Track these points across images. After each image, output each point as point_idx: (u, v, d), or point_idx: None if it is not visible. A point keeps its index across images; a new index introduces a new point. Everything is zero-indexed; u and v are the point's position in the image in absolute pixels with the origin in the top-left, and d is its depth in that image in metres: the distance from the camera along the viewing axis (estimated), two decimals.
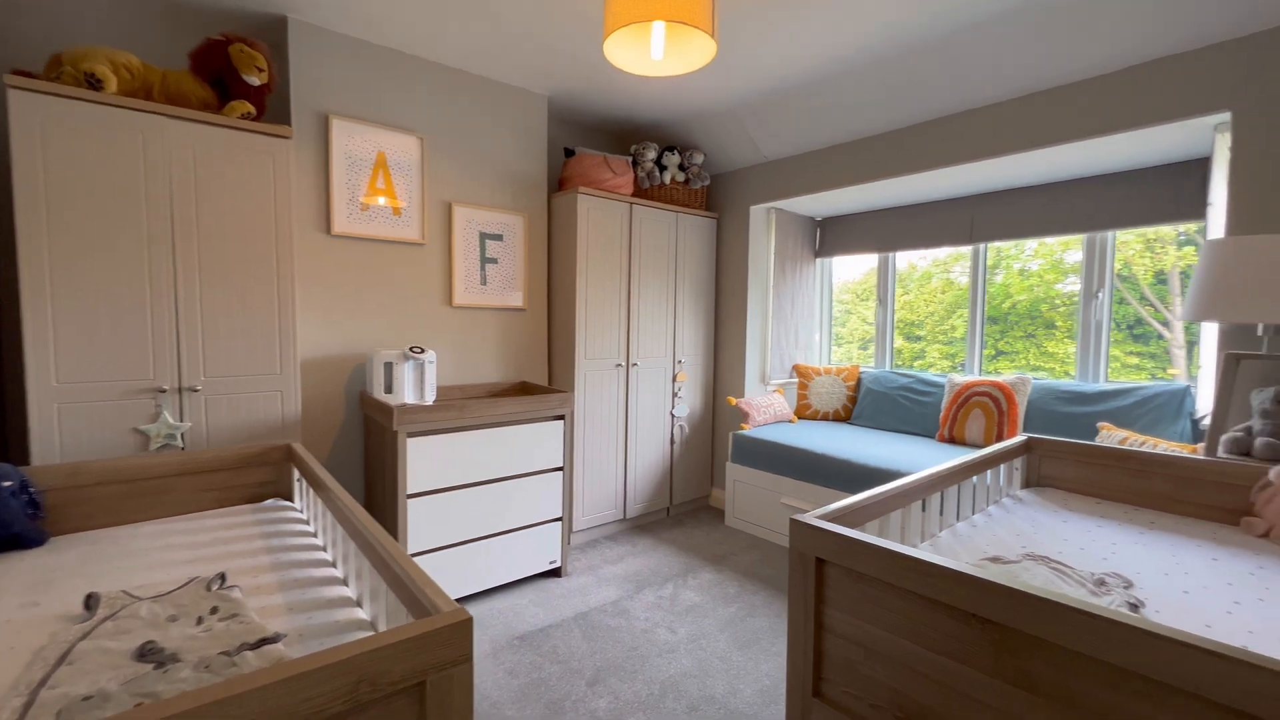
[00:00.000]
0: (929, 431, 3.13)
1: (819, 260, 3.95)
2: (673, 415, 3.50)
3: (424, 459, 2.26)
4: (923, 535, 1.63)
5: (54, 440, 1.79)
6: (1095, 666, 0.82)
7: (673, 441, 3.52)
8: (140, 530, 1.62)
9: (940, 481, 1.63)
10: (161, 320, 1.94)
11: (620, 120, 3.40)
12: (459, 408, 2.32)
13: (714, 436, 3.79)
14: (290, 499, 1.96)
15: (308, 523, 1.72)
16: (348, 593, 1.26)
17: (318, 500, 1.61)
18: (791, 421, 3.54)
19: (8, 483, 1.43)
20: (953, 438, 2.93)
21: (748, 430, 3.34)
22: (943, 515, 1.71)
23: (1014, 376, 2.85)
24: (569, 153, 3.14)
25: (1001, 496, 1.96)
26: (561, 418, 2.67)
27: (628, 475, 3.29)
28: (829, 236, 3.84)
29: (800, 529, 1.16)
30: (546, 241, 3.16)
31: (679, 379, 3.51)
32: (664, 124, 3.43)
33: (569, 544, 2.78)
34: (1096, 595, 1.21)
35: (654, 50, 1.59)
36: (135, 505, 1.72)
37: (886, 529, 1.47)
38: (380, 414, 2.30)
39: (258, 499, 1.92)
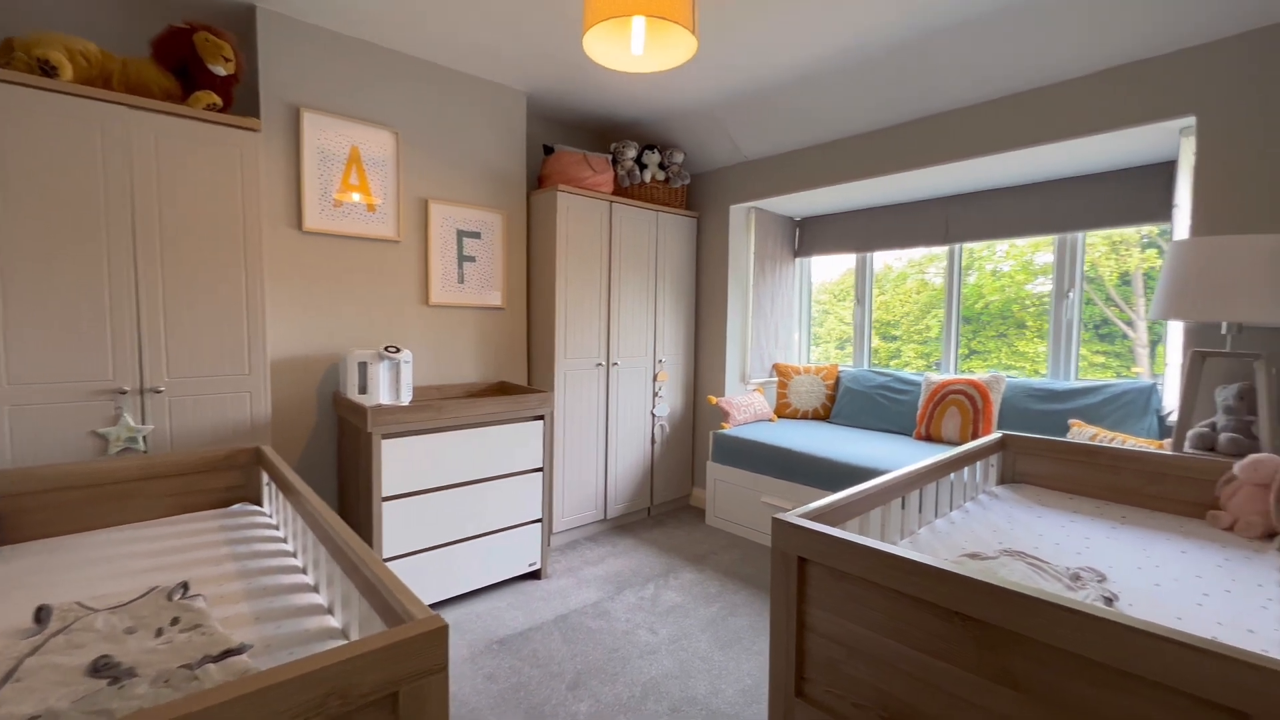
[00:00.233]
0: (906, 429, 3.17)
1: (798, 260, 3.97)
2: (653, 415, 3.49)
3: (400, 461, 2.21)
4: (902, 532, 1.64)
5: (4, 444, 1.71)
6: (1074, 661, 0.82)
7: (653, 441, 3.50)
8: (98, 538, 1.54)
9: (919, 479, 1.65)
10: (122, 319, 1.86)
11: (600, 118, 3.38)
12: (436, 408, 2.27)
13: (695, 436, 3.79)
14: (259, 504, 1.89)
15: (277, 528, 1.66)
16: (318, 600, 1.22)
17: (288, 505, 1.56)
18: (771, 420, 3.56)
19: None
20: (929, 435, 2.97)
21: (728, 429, 3.34)
22: (921, 512, 1.72)
23: (989, 375, 2.89)
24: (548, 150, 3.10)
25: (978, 493, 1.98)
26: (541, 418, 2.64)
27: (608, 475, 3.26)
28: (808, 236, 3.87)
29: (782, 528, 1.15)
30: (526, 240, 3.12)
31: (660, 378, 3.49)
32: (644, 122, 3.41)
33: (549, 546, 2.75)
34: (1072, 590, 1.22)
35: (634, 45, 1.57)
36: (93, 512, 1.64)
37: (867, 527, 1.47)
38: (354, 415, 2.24)
39: (225, 504, 1.86)
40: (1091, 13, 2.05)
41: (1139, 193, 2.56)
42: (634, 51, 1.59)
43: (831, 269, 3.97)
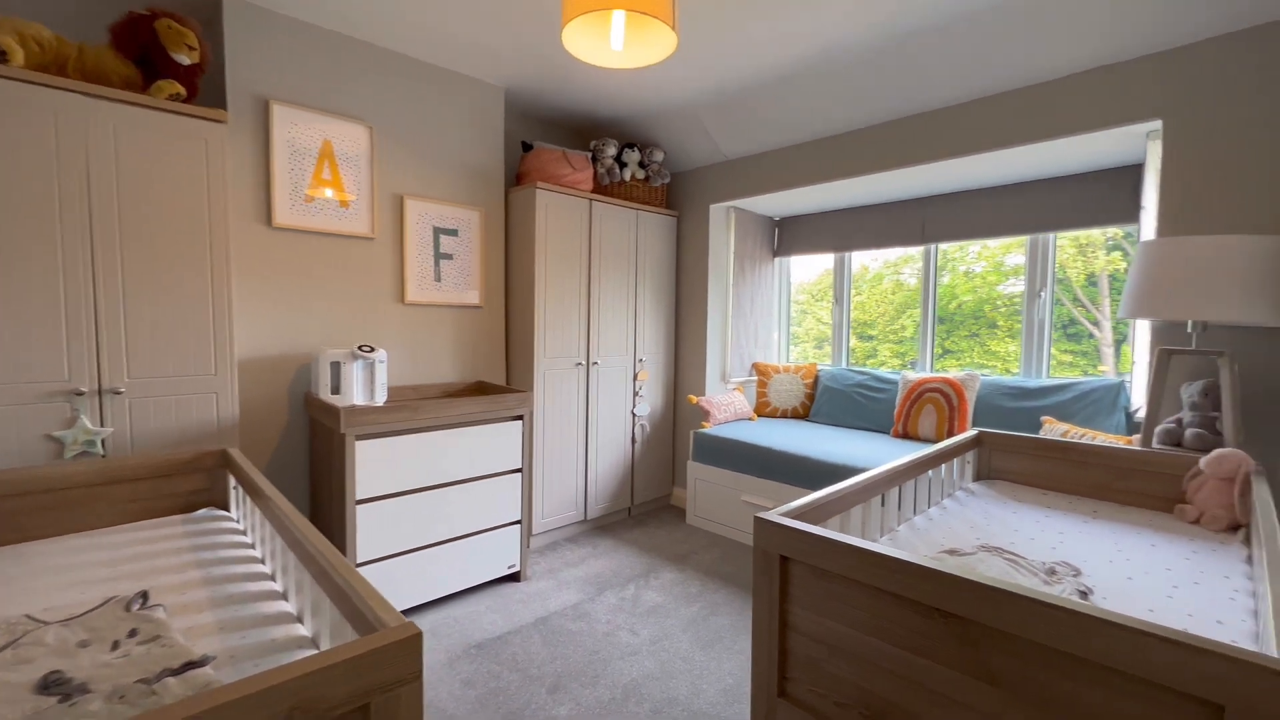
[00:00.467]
0: (884, 427, 3.21)
1: (777, 259, 3.99)
2: (634, 414, 3.47)
3: (374, 463, 2.15)
4: (882, 530, 1.65)
5: None
6: (1052, 656, 0.83)
7: (634, 441, 3.48)
8: (51, 547, 1.47)
9: (899, 476, 1.66)
10: (78, 317, 1.78)
11: (579, 115, 3.35)
12: (412, 408, 2.22)
13: (675, 435, 3.78)
14: (226, 509, 1.83)
15: (245, 534, 1.60)
16: (287, 608, 1.17)
17: (256, 509, 1.50)
18: (751, 419, 3.57)
19: None
20: (907, 433, 3.01)
21: (709, 428, 3.34)
22: (901, 509, 1.73)
23: (964, 373, 2.94)
24: (527, 147, 3.06)
25: (955, 489, 2.00)
26: (520, 418, 2.60)
27: (588, 476, 3.24)
28: (787, 236, 3.89)
29: (765, 527, 1.14)
30: (504, 237, 3.08)
31: (640, 378, 3.48)
32: (624, 120, 3.39)
33: (528, 547, 2.72)
34: (1048, 584, 1.24)
35: (614, 40, 1.55)
36: (47, 519, 1.56)
37: (848, 524, 1.47)
38: (327, 416, 2.18)
39: (189, 509, 1.79)
40: (1063, 18, 2.09)
41: (1108, 195, 2.63)
42: (614, 47, 1.57)
43: (809, 269, 4.00)
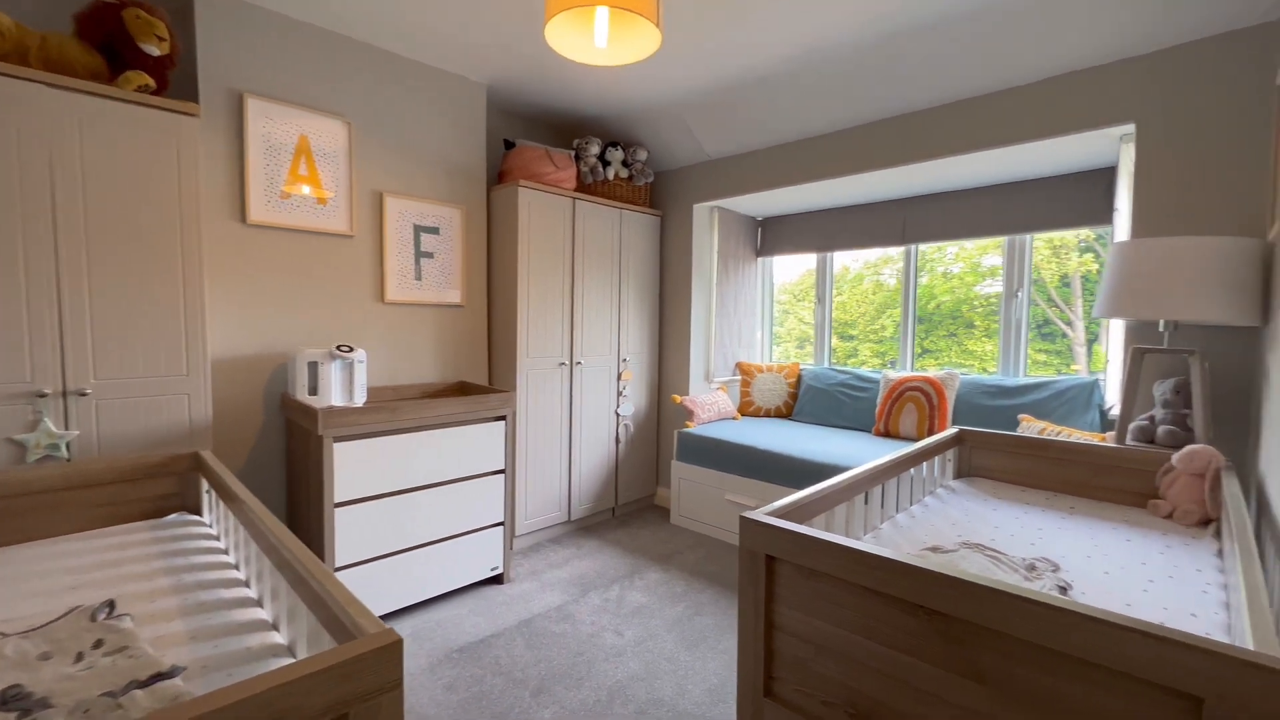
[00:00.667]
0: (866, 426, 3.24)
1: (760, 259, 4.01)
2: (618, 414, 3.46)
3: (353, 465, 2.11)
4: (865, 528, 1.66)
5: None
6: (1034, 652, 0.83)
7: (618, 441, 3.47)
8: (12, 554, 1.41)
9: (881, 474, 1.67)
10: (41, 316, 1.71)
11: (562, 113, 3.33)
12: (391, 409, 2.18)
13: (659, 435, 3.78)
14: (198, 513, 1.78)
15: (218, 539, 1.56)
16: (262, 615, 1.14)
17: (229, 513, 1.46)
18: (735, 418, 3.57)
19: None
20: (888, 431, 3.04)
21: (692, 428, 3.34)
22: (883, 507, 1.74)
23: (944, 372, 2.98)
24: (509, 144, 3.03)
25: (936, 487, 2.03)
26: (503, 418, 2.57)
27: (572, 476, 3.22)
28: (770, 236, 3.91)
29: (751, 526, 1.14)
30: (486, 236, 3.04)
31: (624, 377, 3.46)
32: (607, 119, 3.37)
33: (511, 549, 2.69)
34: (1029, 580, 1.26)
35: (598, 37, 1.53)
36: (8, 526, 1.51)
37: (832, 523, 1.48)
38: (304, 417, 2.13)
39: (160, 514, 1.73)
40: (1040, 23, 2.12)
41: (1083, 197, 2.68)
42: (597, 44, 1.55)
43: (791, 269, 4.02)
